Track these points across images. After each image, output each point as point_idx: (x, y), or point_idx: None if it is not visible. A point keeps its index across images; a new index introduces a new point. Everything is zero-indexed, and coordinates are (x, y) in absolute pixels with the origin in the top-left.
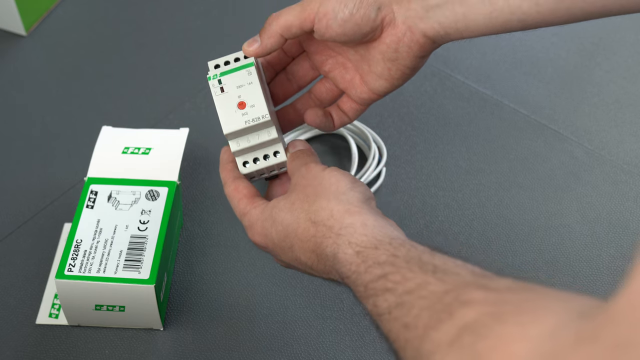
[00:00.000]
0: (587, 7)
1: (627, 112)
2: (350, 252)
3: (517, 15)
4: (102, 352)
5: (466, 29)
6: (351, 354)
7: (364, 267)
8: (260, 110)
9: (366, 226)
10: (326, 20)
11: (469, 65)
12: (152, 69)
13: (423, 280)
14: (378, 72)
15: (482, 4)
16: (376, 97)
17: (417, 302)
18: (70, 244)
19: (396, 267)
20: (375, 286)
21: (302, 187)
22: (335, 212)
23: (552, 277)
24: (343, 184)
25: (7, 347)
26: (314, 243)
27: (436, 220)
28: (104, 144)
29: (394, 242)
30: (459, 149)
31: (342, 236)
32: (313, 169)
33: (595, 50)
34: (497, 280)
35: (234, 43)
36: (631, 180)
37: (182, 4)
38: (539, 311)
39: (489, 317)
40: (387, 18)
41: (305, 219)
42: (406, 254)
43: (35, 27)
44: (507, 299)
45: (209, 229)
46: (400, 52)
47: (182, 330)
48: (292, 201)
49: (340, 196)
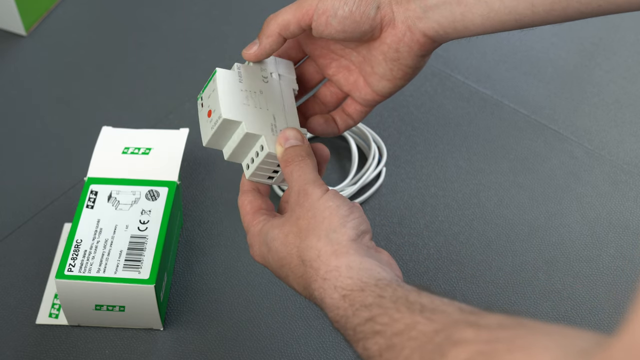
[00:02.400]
0: (582, 8)
1: (627, 112)
2: (336, 297)
3: (513, 15)
4: (102, 352)
5: (464, 29)
6: (351, 354)
7: (352, 311)
8: (219, 112)
9: (351, 269)
10: (325, 17)
11: (469, 65)
12: (152, 69)
13: (412, 321)
14: (380, 72)
15: (479, 5)
16: (380, 98)
17: (408, 344)
18: (70, 244)
19: (383, 309)
20: (364, 329)
21: (296, 218)
22: (323, 253)
23: (552, 277)
24: (336, 219)
25: (7, 347)
26: (304, 281)
27: (436, 220)
28: (104, 144)
29: (380, 283)
30: (459, 149)
31: (328, 280)
32: (310, 197)
33: (595, 50)
34: (487, 317)
35: (234, 43)
36: (631, 180)
37: (182, 4)
38: (533, 349)
39: (482, 356)
40: (386, 17)
41: (296, 255)
42: (392, 294)
43: (35, 27)
44: (498, 336)
45: (209, 229)
46: (401, 52)
47: (182, 330)
48: (285, 233)
49: (331, 234)
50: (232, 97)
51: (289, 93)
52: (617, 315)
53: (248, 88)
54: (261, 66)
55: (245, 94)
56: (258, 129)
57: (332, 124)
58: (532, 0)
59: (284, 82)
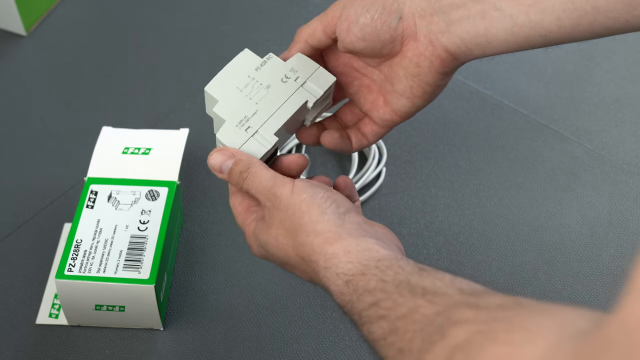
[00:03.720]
0: (609, 23)
1: (627, 112)
2: (340, 283)
3: (538, 30)
4: (102, 352)
5: (488, 45)
6: (351, 354)
7: (356, 296)
8: None
9: (349, 253)
10: (347, 23)
11: (469, 65)
12: (152, 69)
13: (414, 304)
14: (400, 90)
15: (503, 19)
16: (398, 118)
17: (410, 327)
18: (70, 244)
19: (386, 293)
20: (368, 314)
21: (279, 220)
22: (316, 246)
23: (552, 277)
24: (314, 210)
25: (7, 347)
26: (309, 275)
27: (436, 220)
28: (104, 144)
29: (380, 264)
30: (459, 149)
31: (329, 269)
32: (282, 197)
33: (595, 50)
34: (487, 297)
35: (233, 43)
36: (631, 180)
37: (182, 4)
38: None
39: (480, 336)
40: (408, 30)
41: (294, 254)
42: (394, 278)
43: (35, 27)
44: (497, 316)
45: (209, 229)
46: (422, 67)
47: (182, 330)
48: (275, 236)
49: (316, 226)
50: (231, 77)
51: (295, 102)
52: None
53: (258, 78)
54: (293, 66)
55: (249, 80)
56: (226, 114)
57: (346, 141)
58: (558, 15)
59: (301, 92)
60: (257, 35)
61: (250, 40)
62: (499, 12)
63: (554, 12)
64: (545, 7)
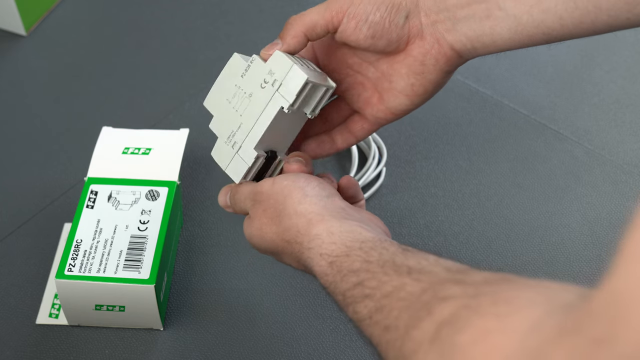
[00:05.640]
0: (611, 21)
1: (627, 112)
2: (323, 264)
3: (541, 29)
4: (102, 352)
5: (492, 43)
6: (351, 354)
7: (340, 277)
8: None
9: (332, 234)
10: (355, 21)
11: (469, 65)
12: (152, 69)
13: (400, 283)
14: (400, 87)
15: (507, 19)
16: (392, 116)
17: (396, 304)
18: (70, 244)
19: (371, 273)
20: (353, 294)
21: (262, 211)
22: (301, 227)
23: (552, 277)
24: (296, 193)
25: (7, 347)
26: (295, 257)
27: (436, 220)
28: (104, 144)
29: (364, 246)
30: (459, 149)
31: (312, 249)
32: (262, 191)
33: (595, 50)
34: (473, 274)
35: (234, 43)
36: (631, 180)
37: (182, 4)
38: (517, 301)
39: (466, 310)
40: (414, 29)
41: (280, 239)
42: (379, 258)
43: (35, 27)
44: (484, 291)
45: (209, 229)
46: (426, 65)
47: (182, 330)
48: (258, 227)
49: (298, 207)
50: (222, 88)
51: (271, 110)
52: None
53: (242, 86)
54: (271, 69)
55: (236, 90)
56: (218, 130)
57: (325, 145)
58: (560, 14)
59: (277, 98)
60: (257, 35)
61: (250, 40)
62: (503, 12)
63: (557, 12)
64: (547, 7)
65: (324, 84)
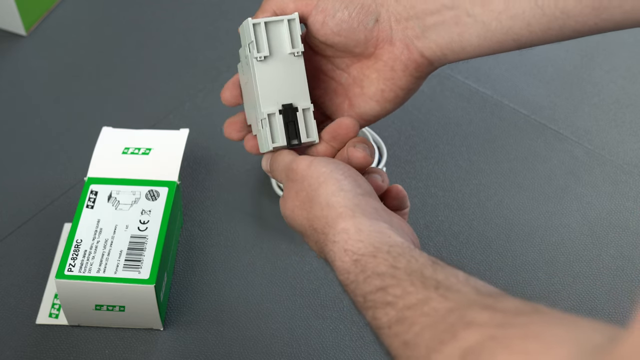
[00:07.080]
0: (578, 27)
1: (627, 112)
2: (347, 260)
3: (510, 35)
4: (102, 352)
5: (462, 50)
6: (351, 354)
7: (363, 277)
8: None
9: (361, 231)
10: (323, 16)
11: (469, 65)
12: (152, 69)
13: (425, 296)
14: (370, 93)
15: (475, 25)
16: (364, 122)
17: (419, 319)
18: (70, 244)
19: (397, 280)
20: (374, 298)
21: (295, 192)
22: (330, 219)
23: (552, 277)
24: (332, 183)
25: (7, 347)
26: (319, 246)
27: (436, 220)
28: (104, 144)
29: (392, 250)
30: (459, 149)
31: (337, 243)
32: (298, 169)
33: (595, 50)
34: (504, 300)
35: (234, 43)
36: (631, 180)
37: (182, 4)
38: (547, 339)
39: (493, 342)
40: (383, 33)
41: (308, 225)
42: (407, 266)
43: (35, 27)
44: (513, 322)
45: (209, 229)
46: (396, 71)
47: (182, 330)
48: (291, 209)
49: (331, 199)
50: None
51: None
52: (618, 315)
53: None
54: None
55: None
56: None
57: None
58: (528, 20)
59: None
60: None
61: None
62: (472, 19)
63: (525, 18)
64: (515, 14)
65: (278, 18)
